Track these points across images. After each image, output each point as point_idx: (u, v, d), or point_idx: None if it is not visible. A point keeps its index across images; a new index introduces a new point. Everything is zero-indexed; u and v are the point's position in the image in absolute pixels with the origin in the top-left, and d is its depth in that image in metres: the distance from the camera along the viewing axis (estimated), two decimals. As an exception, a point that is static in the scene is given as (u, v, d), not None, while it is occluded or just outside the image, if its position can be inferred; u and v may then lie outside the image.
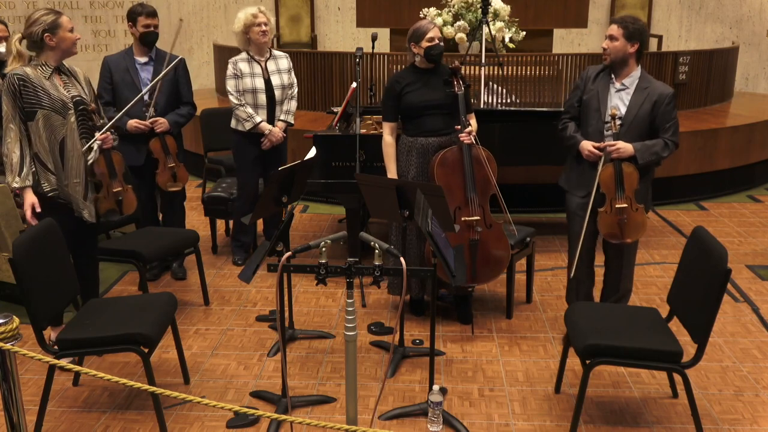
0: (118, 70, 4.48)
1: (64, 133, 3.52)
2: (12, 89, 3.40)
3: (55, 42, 3.48)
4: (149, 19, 4.46)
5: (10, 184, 3.49)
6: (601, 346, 2.94)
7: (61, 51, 3.52)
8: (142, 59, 4.53)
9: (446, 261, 3.01)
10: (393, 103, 3.96)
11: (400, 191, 3.43)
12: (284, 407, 3.20)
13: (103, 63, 4.55)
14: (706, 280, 2.86)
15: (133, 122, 4.44)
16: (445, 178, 3.86)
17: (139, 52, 4.53)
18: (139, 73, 4.50)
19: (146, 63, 4.53)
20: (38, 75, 3.47)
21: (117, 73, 4.48)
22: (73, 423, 3.20)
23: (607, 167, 3.63)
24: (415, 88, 3.92)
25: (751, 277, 4.79)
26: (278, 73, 4.80)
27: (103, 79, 4.51)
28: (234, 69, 4.74)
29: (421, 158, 3.96)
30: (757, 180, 7.11)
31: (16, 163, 3.45)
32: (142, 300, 3.51)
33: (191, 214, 6.19)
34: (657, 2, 9.32)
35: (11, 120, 3.44)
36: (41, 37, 3.45)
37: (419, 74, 3.95)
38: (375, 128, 5.00)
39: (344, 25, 9.33)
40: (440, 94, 3.91)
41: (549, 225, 5.73)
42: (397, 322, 4.07)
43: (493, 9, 6.56)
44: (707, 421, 3.17)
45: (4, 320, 2.25)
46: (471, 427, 3.16)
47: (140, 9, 4.46)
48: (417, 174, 3.97)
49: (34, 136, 3.47)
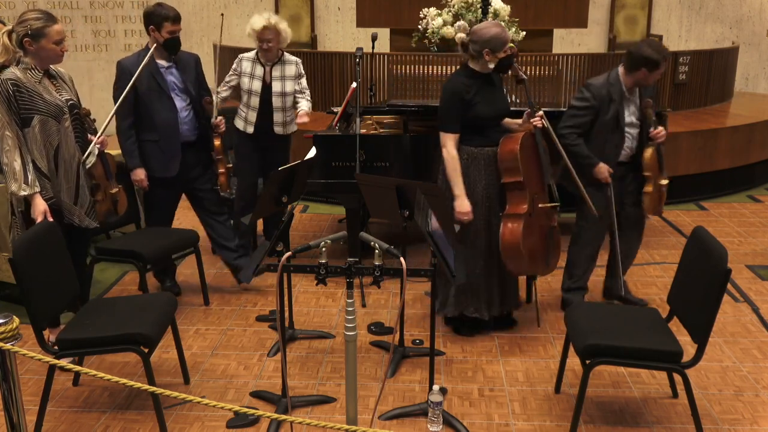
0: (140, 76, 4.11)
1: (59, 139, 3.44)
2: (6, 95, 3.28)
3: (34, 49, 3.33)
4: (175, 25, 4.16)
5: (17, 192, 3.34)
6: (601, 346, 2.94)
7: (40, 59, 3.38)
8: (165, 63, 4.25)
9: (446, 261, 3.01)
10: (459, 113, 3.63)
11: (400, 191, 3.43)
12: (284, 407, 3.20)
13: (121, 69, 4.18)
14: (706, 280, 2.86)
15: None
16: (526, 164, 3.68)
17: (161, 55, 4.23)
18: (165, 78, 4.23)
19: (169, 67, 4.27)
20: (29, 79, 3.35)
21: (140, 80, 4.13)
22: (73, 423, 3.20)
23: (649, 151, 3.94)
24: (482, 96, 3.65)
25: (751, 277, 4.79)
26: (281, 80, 4.72)
27: (123, 88, 4.10)
28: (237, 65, 4.75)
29: (488, 168, 3.71)
30: (757, 180, 7.11)
31: (20, 171, 3.32)
32: (142, 300, 3.51)
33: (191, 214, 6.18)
34: (657, 2, 9.32)
35: (6, 127, 3.30)
36: (20, 41, 3.32)
37: (479, 80, 3.67)
38: (375, 128, 5.00)
39: (344, 25, 9.33)
40: (505, 101, 3.81)
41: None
42: (397, 322, 4.06)
43: (493, 9, 6.56)
44: (707, 421, 3.17)
45: (4, 320, 2.25)
46: (471, 427, 3.16)
47: (166, 13, 4.13)
48: (487, 185, 3.71)
49: (30, 142, 3.37)
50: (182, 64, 4.31)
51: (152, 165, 4.28)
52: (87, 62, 9.13)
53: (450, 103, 3.64)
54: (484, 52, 3.60)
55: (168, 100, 4.21)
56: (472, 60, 3.68)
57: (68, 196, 3.54)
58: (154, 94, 4.19)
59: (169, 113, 4.22)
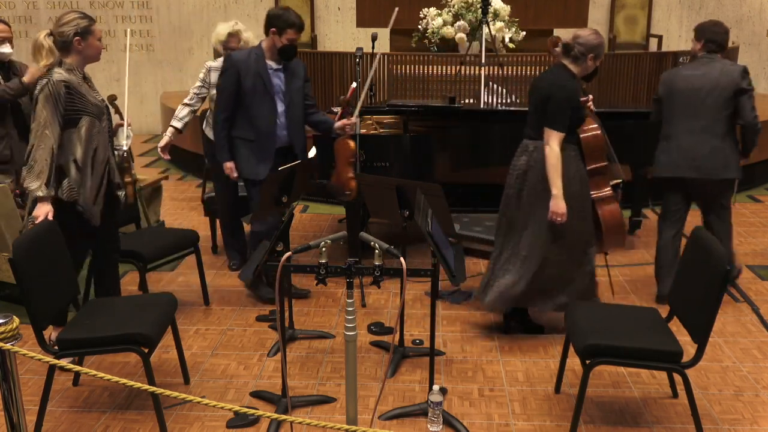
0: (248, 74, 4.04)
1: (98, 140, 3.48)
2: (56, 96, 3.31)
3: (83, 47, 3.43)
4: (297, 33, 4.11)
5: (36, 191, 3.31)
6: (601, 346, 2.94)
7: (84, 57, 3.48)
8: (275, 65, 4.15)
9: (446, 261, 3.00)
10: (569, 114, 3.67)
11: (400, 191, 3.43)
12: (284, 407, 3.20)
13: (230, 62, 4.14)
14: (706, 280, 2.86)
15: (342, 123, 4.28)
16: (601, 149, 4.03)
17: (272, 57, 4.15)
18: (272, 79, 4.14)
19: (278, 69, 4.16)
20: (74, 80, 3.41)
21: (247, 78, 4.05)
22: (73, 423, 3.20)
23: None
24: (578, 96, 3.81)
25: (751, 277, 4.79)
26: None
27: (228, 81, 4.11)
28: (205, 76, 4.67)
29: (581, 164, 3.82)
30: (757, 180, 7.10)
31: (44, 171, 3.30)
32: (142, 300, 3.51)
33: (191, 214, 6.20)
34: (657, 2, 9.31)
35: (48, 126, 3.30)
36: (71, 40, 3.39)
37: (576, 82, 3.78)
38: (375, 128, 5.00)
39: (344, 25, 9.32)
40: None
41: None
42: (397, 322, 4.06)
43: (493, 9, 6.55)
44: (707, 421, 3.17)
45: (4, 320, 2.25)
46: (471, 427, 3.15)
47: (293, 20, 4.07)
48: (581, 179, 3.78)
49: (74, 142, 3.39)
50: (291, 70, 4.22)
51: (242, 165, 4.19)
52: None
53: (568, 103, 3.64)
54: (589, 57, 3.67)
55: (270, 101, 4.14)
56: (573, 63, 3.71)
57: (91, 196, 3.55)
58: (258, 94, 4.12)
59: (270, 115, 4.15)
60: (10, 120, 4.52)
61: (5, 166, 4.54)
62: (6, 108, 4.47)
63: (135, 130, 9.31)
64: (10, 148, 4.53)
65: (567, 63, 3.71)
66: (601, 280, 4.52)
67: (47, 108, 3.30)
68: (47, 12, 9.02)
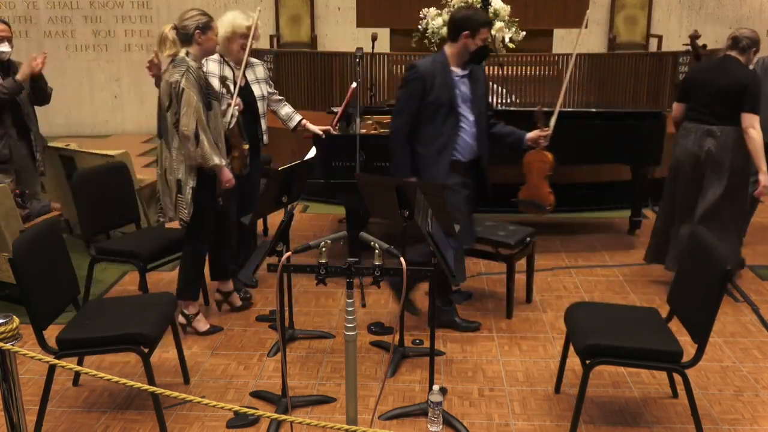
0: (434, 84, 3.68)
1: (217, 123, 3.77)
2: (198, 81, 3.61)
3: (202, 40, 3.67)
4: (490, 31, 3.83)
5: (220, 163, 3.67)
6: (601, 346, 2.94)
7: (204, 50, 3.71)
8: (460, 72, 3.77)
9: (446, 261, 3.00)
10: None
11: (400, 191, 3.42)
12: (284, 407, 3.20)
13: (415, 71, 3.72)
14: (706, 280, 2.86)
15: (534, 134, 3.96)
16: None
17: (457, 63, 3.75)
18: (458, 88, 3.75)
19: (463, 76, 3.78)
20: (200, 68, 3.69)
21: (434, 89, 3.68)
22: (73, 423, 3.20)
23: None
24: None
25: (751, 277, 4.79)
26: (257, 83, 4.35)
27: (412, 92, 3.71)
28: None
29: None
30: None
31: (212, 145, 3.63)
32: (142, 300, 3.51)
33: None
34: (657, 2, 9.31)
35: (199, 111, 3.58)
36: (192, 33, 3.64)
37: None
38: (375, 128, 5.00)
39: (344, 25, 9.31)
40: None
41: (549, 225, 5.73)
42: (397, 322, 4.06)
43: (493, 9, 6.55)
44: (707, 421, 3.17)
45: (4, 320, 2.25)
46: (471, 427, 3.16)
47: (484, 18, 3.76)
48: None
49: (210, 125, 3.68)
50: (475, 76, 3.83)
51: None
52: (87, 62, 9.12)
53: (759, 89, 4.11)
54: (752, 51, 4.20)
55: (452, 113, 3.73)
56: (741, 53, 4.19)
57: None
58: (442, 106, 3.71)
59: (451, 130, 3.74)
60: (8, 119, 4.52)
61: (4, 166, 4.54)
62: (4, 107, 4.47)
63: (135, 130, 9.36)
64: (9, 148, 4.53)
65: (734, 54, 4.18)
66: (602, 280, 4.53)
67: (196, 94, 3.58)
68: (47, 12, 9.01)
